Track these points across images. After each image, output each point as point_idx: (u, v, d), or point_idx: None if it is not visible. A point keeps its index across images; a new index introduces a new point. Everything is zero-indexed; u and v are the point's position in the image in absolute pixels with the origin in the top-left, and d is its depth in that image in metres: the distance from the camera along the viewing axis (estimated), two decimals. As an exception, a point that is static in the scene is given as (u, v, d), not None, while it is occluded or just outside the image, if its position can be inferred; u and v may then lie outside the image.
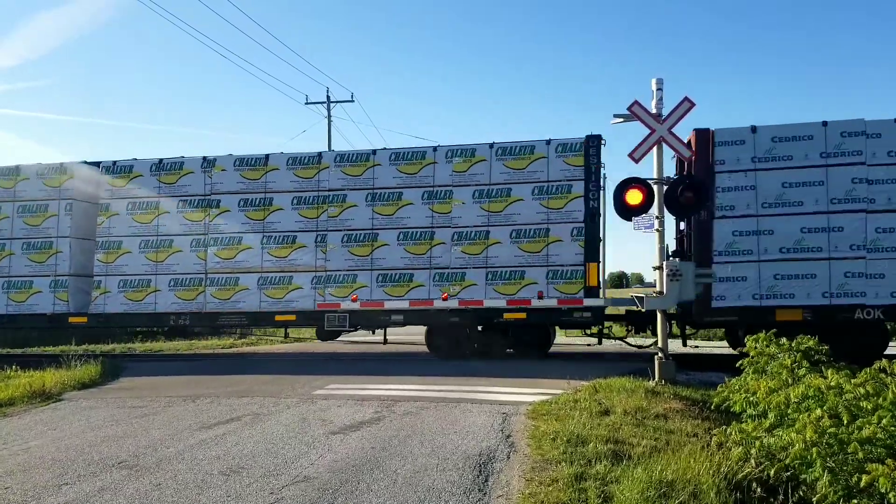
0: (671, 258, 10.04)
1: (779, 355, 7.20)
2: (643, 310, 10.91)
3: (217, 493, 5.13)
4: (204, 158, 14.53)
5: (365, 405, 8.36)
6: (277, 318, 14.08)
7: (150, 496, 5.09)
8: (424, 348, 14.26)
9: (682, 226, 13.36)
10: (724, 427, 5.79)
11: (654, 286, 10.27)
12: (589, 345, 15.30)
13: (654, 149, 9.63)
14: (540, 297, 12.65)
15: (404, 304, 13.30)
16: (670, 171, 12.02)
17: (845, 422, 4.73)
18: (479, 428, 6.98)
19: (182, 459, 6.08)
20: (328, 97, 35.11)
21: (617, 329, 14.68)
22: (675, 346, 12.86)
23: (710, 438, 5.95)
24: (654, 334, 13.79)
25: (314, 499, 4.94)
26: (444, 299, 13.02)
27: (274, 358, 15.23)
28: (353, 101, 35.74)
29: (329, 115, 35.01)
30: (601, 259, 12.76)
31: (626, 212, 9.93)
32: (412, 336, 17.91)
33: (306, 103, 35.48)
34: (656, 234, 9.67)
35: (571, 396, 8.16)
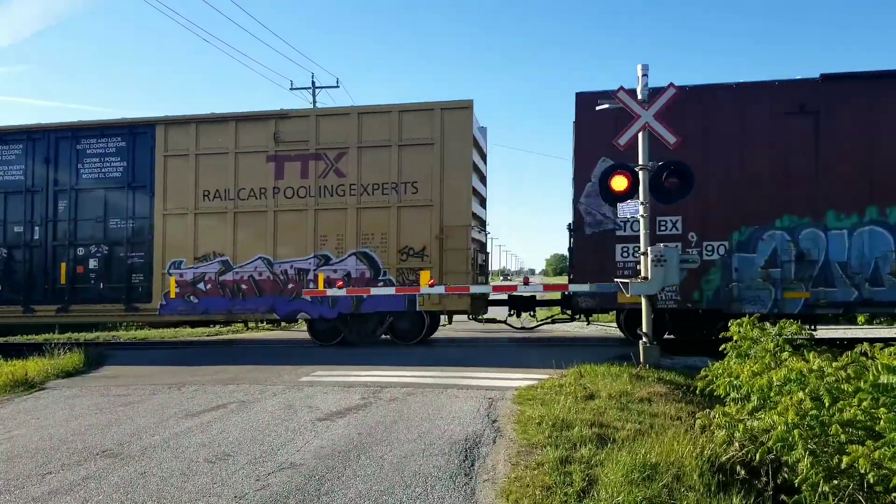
0: (656, 243, 10.06)
1: (762, 339, 7.27)
2: (627, 294, 10.93)
3: (203, 480, 5.12)
4: None
5: (351, 391, 8.36)
6: None
7: (135, 484, 5.07)
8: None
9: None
10: (708, 410, 5.86)
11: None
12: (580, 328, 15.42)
13: (640, 134, 9.64)
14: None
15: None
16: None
17: (826, 404, 4.79)
18: (466, 413, 7.01)
19: (167, 447, 6.06)
20: (313, 83, 34.90)
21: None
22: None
23: (694, 422, 6.01)
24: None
25: (301, 485, 4.94)
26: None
27: (260, 345, 15.17)
28: (338, 86, 35.74)
29: (314, 101, 34.78)
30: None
31: (611, 197, 9.95)
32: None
33: (291, 89, 35.36)
34: (641, 219, 9.70)
35: (557, 381, 8.21)
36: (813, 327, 11.47)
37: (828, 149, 11.83)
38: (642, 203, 9.62)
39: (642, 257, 9.68)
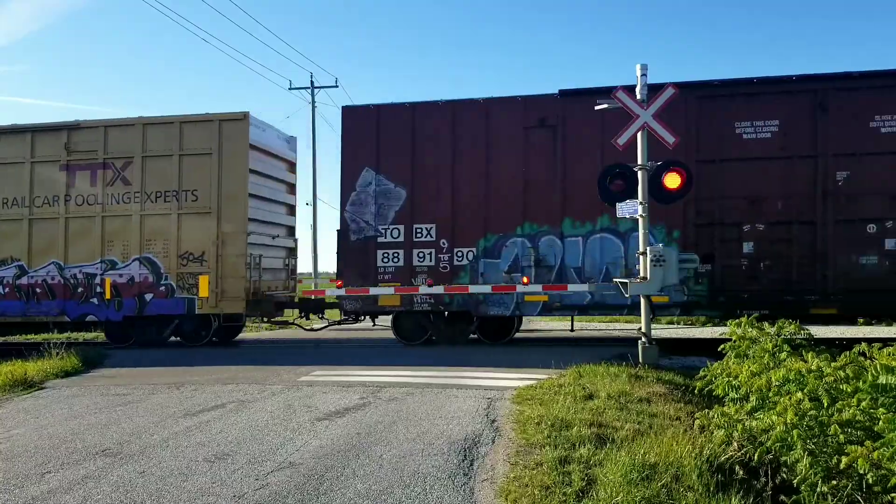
0: (654, 244, 10.07)
1: (760, 339, 7.28)
2: (626, 294, 10.92)
3: (202, 479, 5.12)
4: None
5: (350, 391, 8.36)
6: None
7: (135, 483, 5.07)
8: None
9: None
10: (707, 410, 5.86)
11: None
12: (573, 330, 15.41)
13: (639, 134, 9.65)
14: None
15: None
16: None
17: (825, 404, 4.80)
18: (465, 413, 7.01)
19: (166, 447, 6.06)
20: (312, 82, 34.92)
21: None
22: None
23: (693, 422, 6.02)
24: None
25: (300, 484, 4.95)
26: None
27: (258, 344, 15.19)
28: (337, 86, 35.72)
29: (313, 101, 34.79)
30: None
31: (610, 197, 9.97)
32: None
33: (290, 88, 35.36)
34: (640, 219, 9.71)
35: (556, 381, 8.22)
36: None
37: (565, 160, 12.55)
38: (641, 203, 9.64)
39: (641, 257, 9.70)
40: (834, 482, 4.25)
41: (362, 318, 14.29)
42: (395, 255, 13.09)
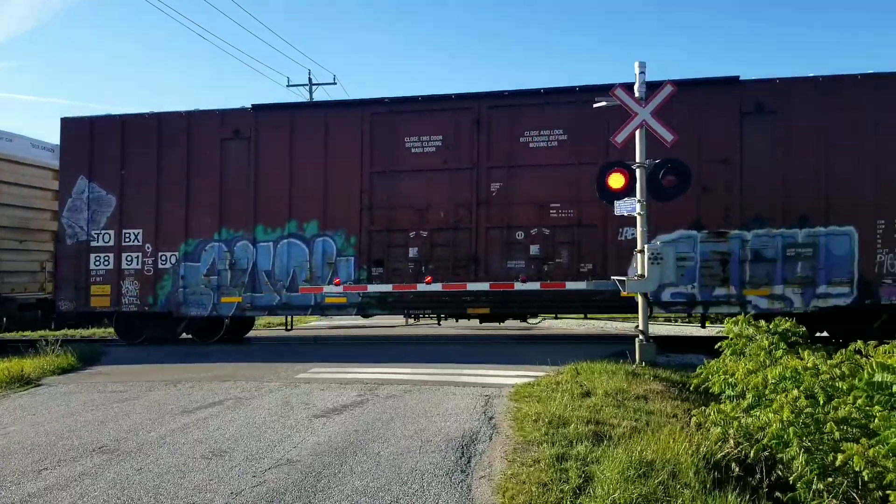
0: (647, 243, 10.08)
1: (756, 337, 7.31)
2: (624, 292, 10.94)
3: (199, 476, 5.13)
4: None
5: (348, 388, 8.37)
6: None
7: (132, 480, 5.07)
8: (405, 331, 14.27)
9: None
10: (703, 408, 5.87)
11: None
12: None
13: (637, 132, 9.66)
14: None
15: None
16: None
17: (821, 402, 4.82)
18: (462, 410, 7.02)
19: (163, 443, 6.06)
20: (310, 80, 34.91)
21: None
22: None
23: (690, 419, 6.03)
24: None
25: (297, 481, 4.95)
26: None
27: (256, 341, 15.17)
28: (335, 83, 35.67)
29: (311, 97, 34.73)
30: None
31: (608, 195, 9.96)
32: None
33: (288, 86, 35.27)
34: (638, 217, 9.72)
35: (553, 379, 8.22)
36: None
37: (258, 170, 13.42)
38: (639, 201, 9.64)
39: (639, 255, 9.71)
40: (830, 479, 4.26)
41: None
42: (106, 258, 13.82)
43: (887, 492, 3.88)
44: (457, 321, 15.00)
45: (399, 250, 13.00)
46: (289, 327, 15.20)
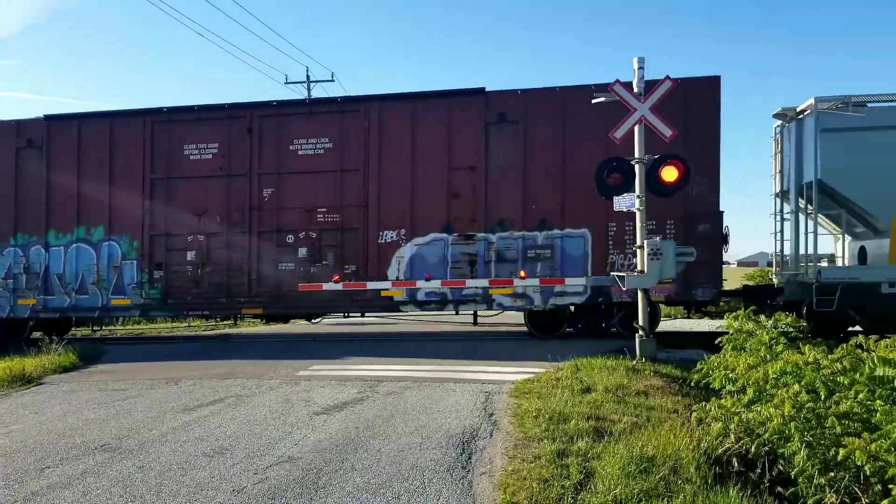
0: (650, 237, 10.08)
1: (757, 332, 7.31)
2: (624, 288, 10.96)
3: (201, 474, 5.13)
4: None
5: (348, 386, 8.37)
6: None
7: (134, 478, 5.08)
8: (405, 328, 14.27)
9: None
10: (704, 403, 5.88)
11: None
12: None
13: (636, 128, 9.64)
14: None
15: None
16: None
17: (822, 397, 4.82)
18: (462, 407, 7.03)
19: (165, 441, 6.06)
20: (308, 77, 34.80)
21: None
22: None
23: (690, 414, 6.03)
24: None
25: (299, 478, 4.96)
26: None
27: (256, 339, 15.17)
28: (333, 80, 35.61)
29: (309, 95, 34.68)
30: None
31: (607, 191, 9.95)
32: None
33: (286, 83, 35.14)
34: (637, 213, 9.71)
35: (553, 375, 8.23)
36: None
37: (49, 179, 13.95)
38: (638, 196, 9.63)
39: (639, 251, 9.70)
40: (831, 474, 4.27)
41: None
42: None
43: (889, 486, 3.88)
44: (235, 322, 16.24)
45: (178, 254, 13.62)
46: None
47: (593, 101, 10.36)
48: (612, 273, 11.08)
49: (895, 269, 11.65)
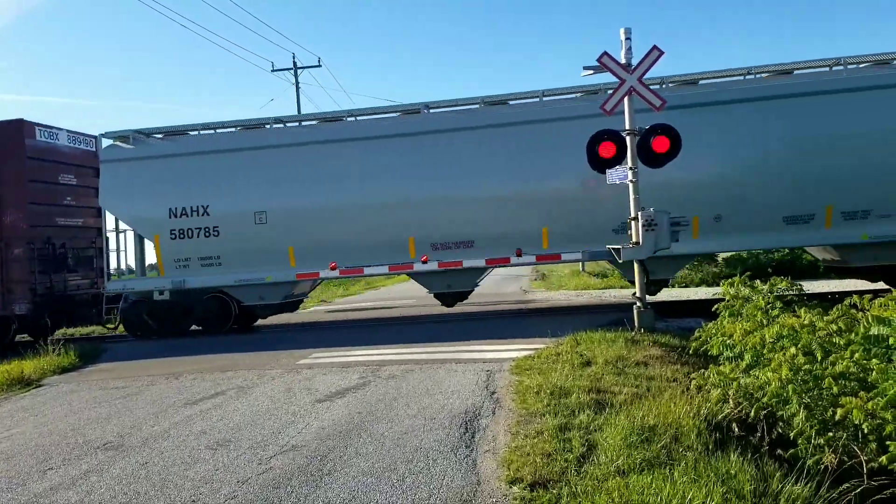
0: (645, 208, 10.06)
1: (753, 297, 7.33)
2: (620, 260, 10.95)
3: (205, 467, 5.14)
4: None
5: (350, 371, 8.39)
6: None
7: (137, 475, 5.09)
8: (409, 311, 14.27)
9: None
10: (703, 370, 5.91)
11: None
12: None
13: (626, 99, 9.60)
14: None
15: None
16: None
17: (819, 358, 4.84)
18: (464, 386, 7.05)
19: (168, 437, 6.07)
20: (294, 63, 34.55)
21: None
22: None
23: (690, 382, 6.06)
24: None
25: (303, 466, 4.97)
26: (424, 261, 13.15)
27: (255, 329, 15.18)
28: (320, 65, 35.37)
29: (297, 82, 34.46)
30: None
31: (599, 164, 9.92)
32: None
33: (273, 70, 34.88)
34: (630, 185, 9.69)
35: (553, 350, 8.26)
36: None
37: None
38: (631, 168, 9.61)
39: (632, 222, 9.69)
40: (830, 434, 4.30)
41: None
42: None
43: (886, 442, 3.91)
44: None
45: None
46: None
47: (582, 74, 10.29)
48: (607, 246, 11.07)
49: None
